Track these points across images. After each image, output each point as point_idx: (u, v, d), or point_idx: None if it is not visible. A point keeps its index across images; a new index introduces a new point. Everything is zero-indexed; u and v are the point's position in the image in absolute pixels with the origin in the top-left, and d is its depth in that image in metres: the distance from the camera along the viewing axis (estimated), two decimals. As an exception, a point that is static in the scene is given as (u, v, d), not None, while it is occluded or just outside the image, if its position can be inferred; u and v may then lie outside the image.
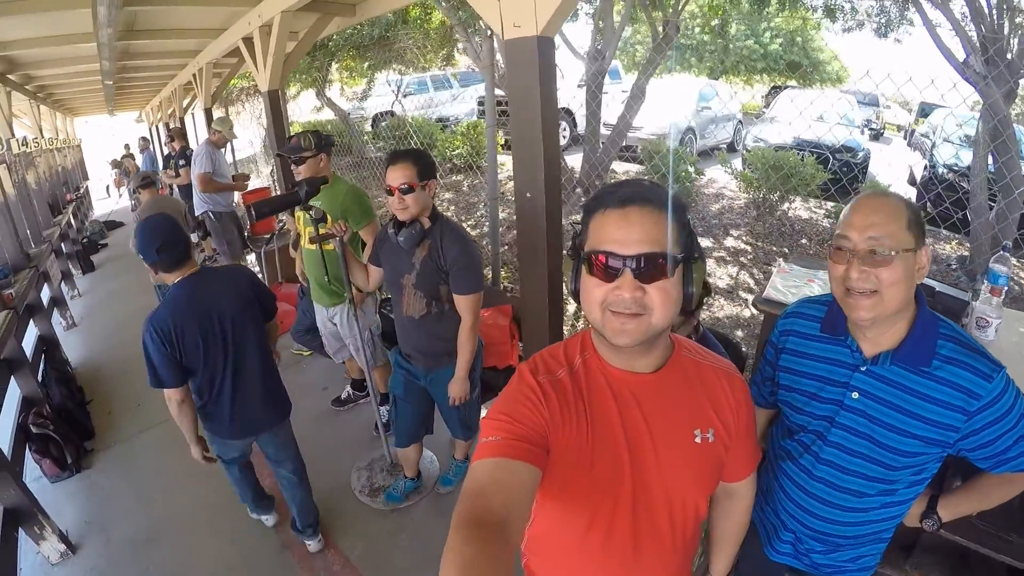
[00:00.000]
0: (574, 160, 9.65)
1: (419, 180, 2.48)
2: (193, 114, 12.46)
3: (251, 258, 7.37)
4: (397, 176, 2.47)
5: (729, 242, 7.56)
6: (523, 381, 1.21)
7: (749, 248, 7.33)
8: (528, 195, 2.51)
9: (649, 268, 1.03)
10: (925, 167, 9.17)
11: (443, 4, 7.91)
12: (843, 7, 9.01)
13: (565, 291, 1.62)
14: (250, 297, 2.65)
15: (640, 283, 1.04)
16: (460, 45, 12.17)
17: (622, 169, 10.56)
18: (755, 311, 5.73)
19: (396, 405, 2.98)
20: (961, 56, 5.93)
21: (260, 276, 6.45)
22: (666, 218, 1.05)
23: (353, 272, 2.84)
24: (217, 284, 2.55)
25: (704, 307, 3.23)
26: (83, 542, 3.28)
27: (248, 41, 4.92)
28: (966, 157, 8.46)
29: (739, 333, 5.58)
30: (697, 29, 14.34)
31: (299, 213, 3.41)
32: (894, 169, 10.32)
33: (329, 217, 2.82)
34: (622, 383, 1.20)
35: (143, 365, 2.41)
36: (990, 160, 6.35)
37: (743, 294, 6.17)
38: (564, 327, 2.82)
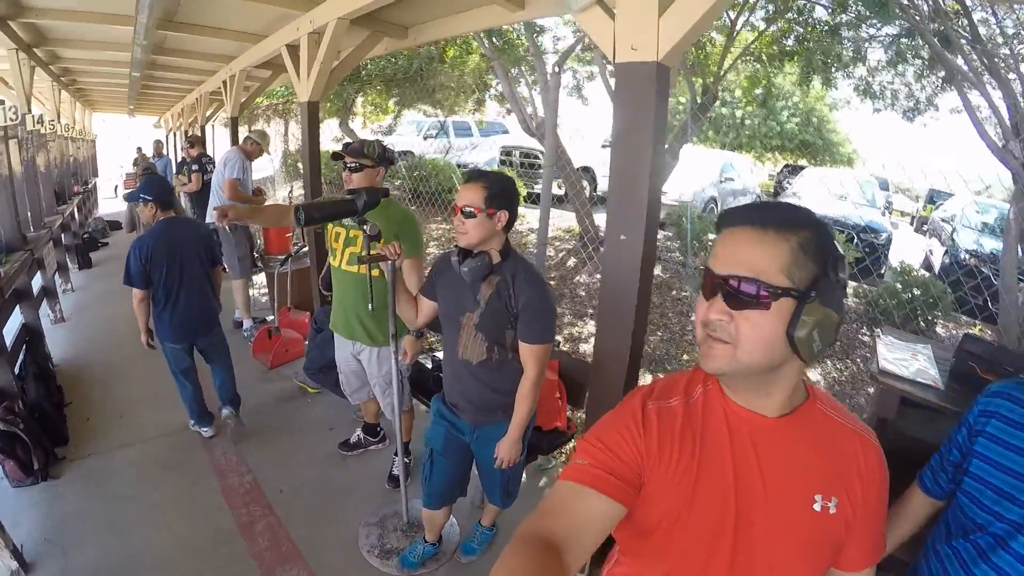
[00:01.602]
0: (599, 219, 9.32)
1: (486, 206, 2.15)
2: (213, 126, 12.15)
3: (259, 278, 6.97)
4: (464, 196, 2.17)
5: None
6: (628, 405, 1.14)
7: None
8: (622, 237, 2.14)
9: (738, 293, 0.95)
10: (946, 252, 9.08)
11: (485, 43, 7.74)
12: (880, 88, 8.88)
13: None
14: (204, 244, 3.75)
15: (728, 307, 0.97)
16: (491, 92, 12.07)
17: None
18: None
19: (432, 461, 2.56)
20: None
21: (269, 298, 6.08)
22: (780, 242, 0.94)
23: (401, 304, 2.46)
24: (185, 229, 3.68)
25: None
26: (38, 562, 2.81)
27: (293, 48, 4.61)
28: (987, 243, 8.59)
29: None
30: (739, 93, 14.21)
31: (339, 228, 3.05)
32: (907, 253, 9.97)
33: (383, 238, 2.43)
34: (740, 421, 1.07)
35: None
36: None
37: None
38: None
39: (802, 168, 16.88)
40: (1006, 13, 6.48)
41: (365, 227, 2.31)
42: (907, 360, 2.47)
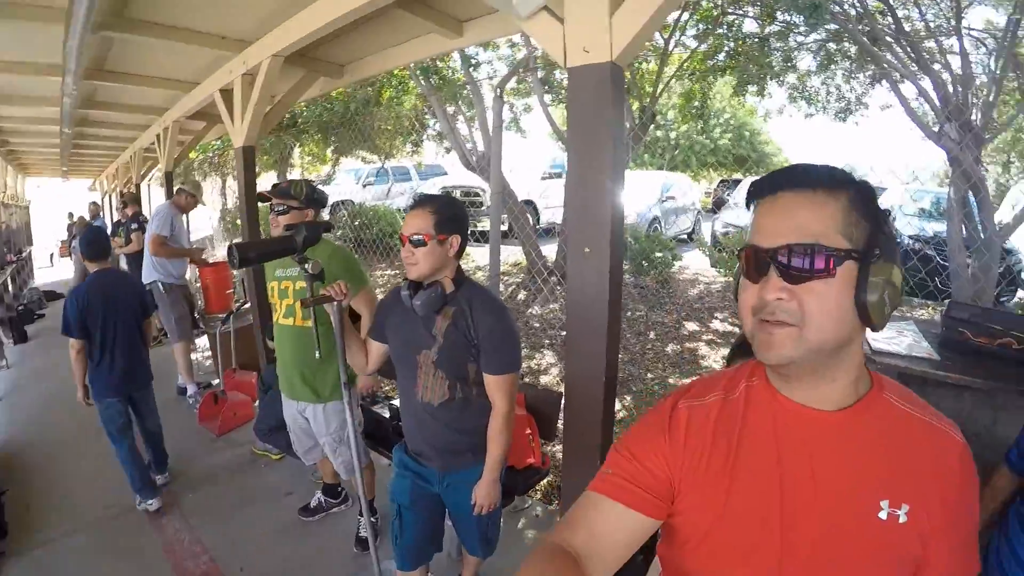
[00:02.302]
0: (546, 249, 9.30)
1: (436, 232, 1.96)
2: (149, 184, 11.67)
3: (202, 341, 6.55)
4: (411, 224, 1.99)
5: (716, 324, 7.15)
6: (660, 406, 1.03)
7: (737, 330, 6.88)
8: (586, 250, 1.93)
9: (798, 264, 0.82)
10: None
11: (422, 81, 7.59)
12: (814, 92, 9.11)
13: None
14: (137, 295, 3.72)
15: (787, 284, 0.83)
16: (429, 132, 11.93)
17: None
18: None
19: (400, 517, 2.28)
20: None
21: (212, 360, 5.67)
22: (831, 201, 0.83)
23: (351, 349, 2.21)
24: (118, 281, 3.67)
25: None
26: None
27: (227, 93, 4.36)
28: (928, 227, 8.69)
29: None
30: (671, 114, 14.43)
31: (273, 282, 2.80)
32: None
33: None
34: (791, 418, 0.92)
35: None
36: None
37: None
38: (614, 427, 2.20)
39: (738, 181, 17.21)
40: (927, 6, 6.69)
41: (306, 265, 2.05)
42: (896, 338, 2.41)
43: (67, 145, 8.03)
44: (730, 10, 7.23)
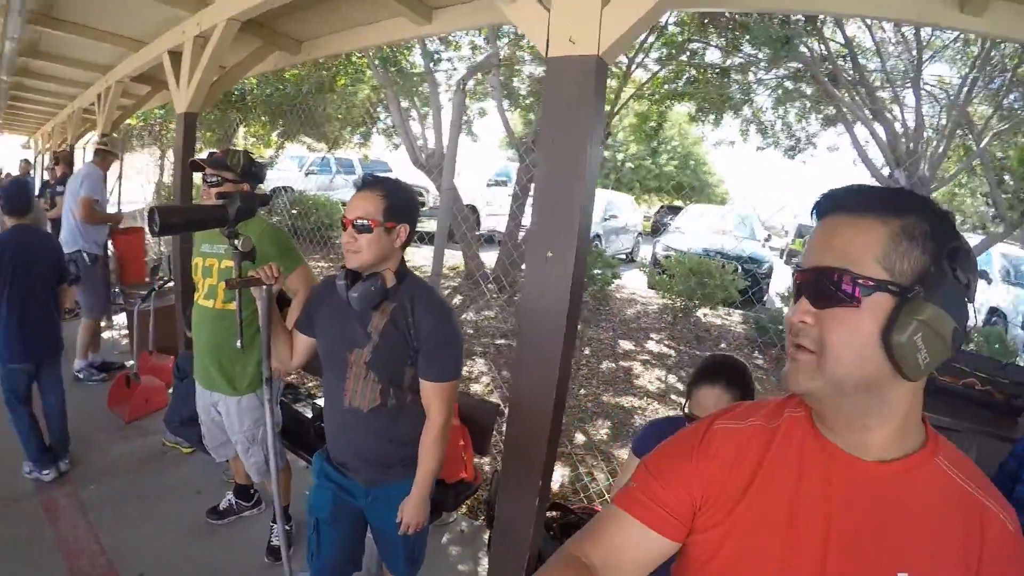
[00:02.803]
0: (485, 256, 9.11)
1: (384, 218, 1.74)
2: (84, 148, 10.93)
3: (120, 318, 6.05)
4: (356, 207, 1.76)
5: (651, 345, 7.08)
6: (698, 423, 0.97)
7: (673, 352, 6.85)
8: (549, 254, 1.75)
9: (823, 288, 0.76)
10: None
11: (380, 70, 7.30)
12: (769, 127, 9.29)
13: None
14: (56, 258, 3.48)
15: (812, 307, 0.78)
16: (379, 126, 11.60)
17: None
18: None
19: (318, 533, 2.03)
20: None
21: (129, 340, 5.21)
22: (877, 226, 0.75)
23: (277, 340, 1.96)
24: (38, 239, 3.40)
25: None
26: None
27: (176, 56, 4.01)
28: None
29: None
30: (621, 135, 14.55)
31: (198, 258, 2.52)
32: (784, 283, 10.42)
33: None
34: (819, 457, 0.84)
35: None
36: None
37: (675, 397, 5.59)
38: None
39: (678, 208, 17.48)
40: (888, 56, 6.87)
41: (236, 241, 1.80)
42: None
43: (3, 96, 7.38)
44: (695, 38, 7.22)
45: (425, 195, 11.18)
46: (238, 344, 1.92)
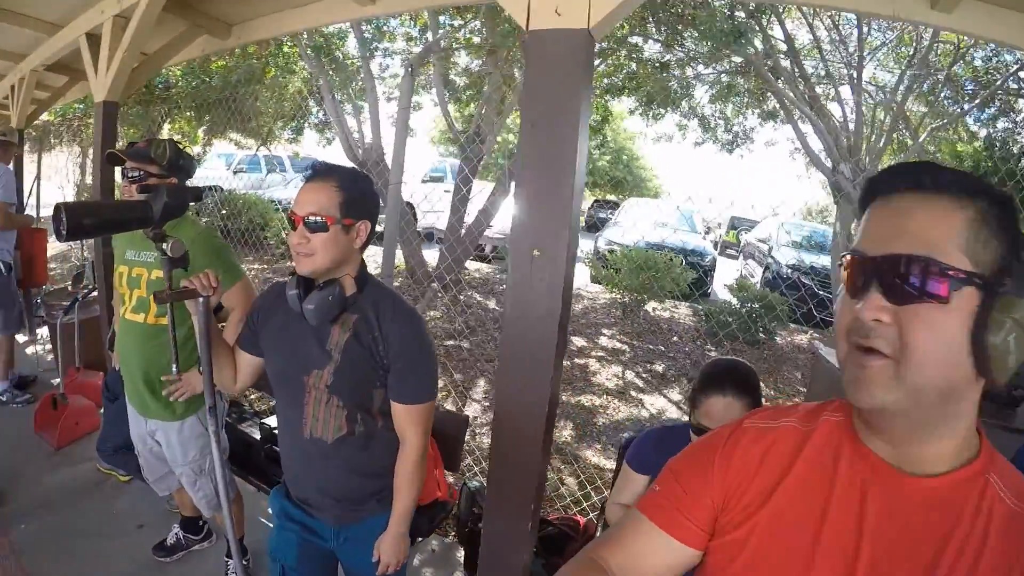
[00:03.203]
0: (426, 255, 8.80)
1: (342, 214, 1.47)
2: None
3: (43, 331, 5.48)
4: (308, 200, 1.47)
5: (604, 341, 6.94)
6: (728, 424, 0.89)
7: (627, 347, 6.73)
8: (536, 252, 1.53)
9: (904, 279, 0.64)
10: (766, 268, 9.70)
11: (311, 57, 6.91)
12: (711, 122, 9.34)
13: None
14: None
15: (889, 303, 0.65)
16: (310, 119, 11.12)
17: (474, 267, 9.82)
18: (646, 412, 5.07)
19: None
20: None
21: (52, 357, 4.72)
22: (955, 211, 0.65)
23: (218, 361, 1.67)
24: None
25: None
26: None
27: (94, 39, 3.62)
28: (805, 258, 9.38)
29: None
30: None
31: (123, 266, 2.19)
32: (721, 274, 10.73)
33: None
34: (858, 464, 0.74)
35: None
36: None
37: (634, 394, 5.45)
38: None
39: (612, 203, 17.51)
40: (829, 53, 6.96)
41: (165, 245, 1.50)
42: None
43: None
44: (636, 32, 7.12)
45: (363, 193, 10.74)
46: (174, 369, 1.62)
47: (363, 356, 1.52)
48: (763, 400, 1.69)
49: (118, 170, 2.44)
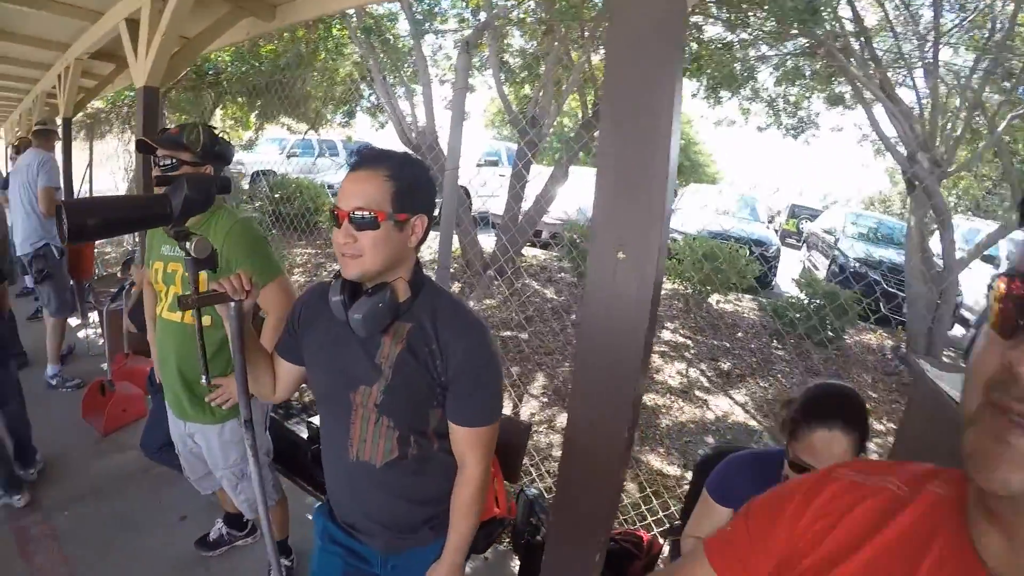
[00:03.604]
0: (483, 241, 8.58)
1: (394, 208, 1.25)
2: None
3: (93, 316, 5.51)
4: (354, 192, 1.26)
5: (667, 335, 6.63)
6: (822, 470, 0.72)
7: (690, 342, 6.43)
8: (620, 255, 1.28)
9: None
10: (832, 261, 9.23)
11: (359, 36, 6.79)
12: (779, 105, 8.90)
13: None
14: None
15: None
16: (363, 103, 11.04)
17: (530, 253, 9.52)
18: (711, 414, 4.82)
19: None
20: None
21: (101, 342, 4.73)
22: None
23: (254, 371, 1.48)
24: None
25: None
26: None
27: (133, 24, 3.54)
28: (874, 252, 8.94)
29: (710, 440, 4.55)
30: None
31: (158, 262, 2.05)
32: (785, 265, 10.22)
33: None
34: (950, 562, 0.55)
35: None
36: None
37: (699, 394, 5.18)
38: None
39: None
40: (902, 35, 6.55)
41: (187, 244, 1.32)
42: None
43: None
44: (695, 11, 6.76)
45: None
46: (204, 381, 1.44)
47: (418, 372, 1.32)
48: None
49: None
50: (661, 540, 2.54)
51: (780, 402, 1.62)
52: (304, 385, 2.43)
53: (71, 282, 4.81)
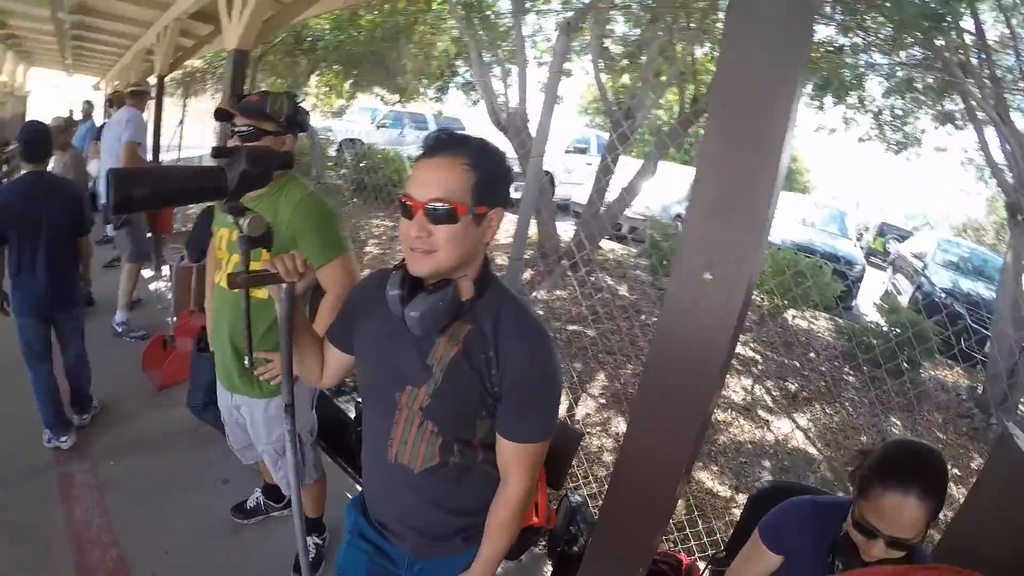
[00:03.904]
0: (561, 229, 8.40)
1: (474, 201, 1.14)
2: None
3: (164, 270, 5.65)
4: (430, 180, 1.14)
5: (736, 347, 6.33)
6: None
7: (759, 357, 6.15)
8: (707, 276, 1.12)
9: None
10: (918, 288, 8.75)
11: (459, 10, 6.72)
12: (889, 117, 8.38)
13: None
14: (72, 209, 3.13)
15: None
16: (457, 80, 11.01)
17: (608, 247, 9.27)
18: (771, 436, 4.59)
19: None
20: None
21: (170, 296, 4.83)
22: None
23: (300, 354, 1.41)
24: (54, 188, 3.10)
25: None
26: None
27: (229, -12, 3.58)
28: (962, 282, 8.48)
29: (766, 464, 4.32)
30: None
31: (223, 228, 2.02)
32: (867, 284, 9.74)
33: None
34: None
35: None
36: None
37: (762, 413, 4.93)
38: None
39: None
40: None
41: (242, 221, 1.24)
42: None
43: (65, 34, 7.23)
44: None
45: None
46: (247, 362, 1.38)
47: (471, 379, 1.22)
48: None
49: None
50: (701, 567, 2.40)
51: (856, 453, 1.45)
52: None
53: (149, 234, 4.94)
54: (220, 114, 1.97)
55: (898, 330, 6.15)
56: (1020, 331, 5.54)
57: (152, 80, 6.39)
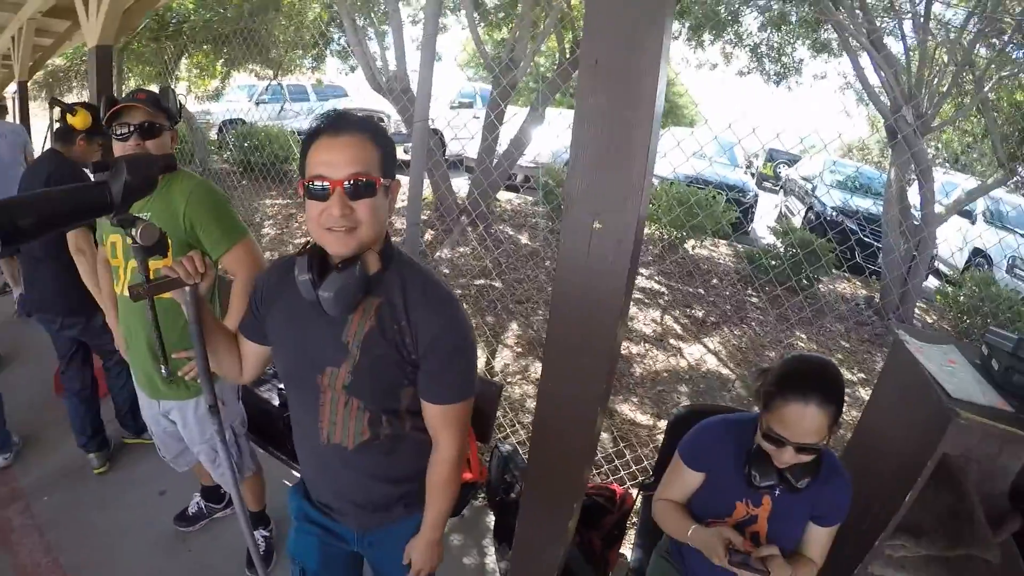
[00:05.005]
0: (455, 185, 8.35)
1: (381, 173, 1.17)
2: (14, 98, 9.82)
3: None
4: (347, 158, 1.13)
5: (641, 282, 6.60)
6: None
7: (664, 289, 6.41)
8: (596, 225, 1.20)
9: None
10: (809, 208, 9.16)
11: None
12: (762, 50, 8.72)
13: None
14: None
15: None
16: (332, 47, 10.66)
17: (504, 198, 9.34)
18: (684, 362, 4.82)
19: None
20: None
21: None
22: None
23: (216, 353, 1.40)
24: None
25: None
26: None
27: (82, -21, 3.31)
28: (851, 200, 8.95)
29: (683, 389, 4.55)
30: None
31: (114, 235, 1.92)
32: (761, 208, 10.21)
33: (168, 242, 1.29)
34: None
35: None
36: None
37: (673, 341, 5.17)
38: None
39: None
40: None
41: (134, 231, 1.19)
42: (952, 374, 1.70)
43: None
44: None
45: (386, 121, 10.37)
46: (163, 371, 1.36)
47: (387, 351, 1.24)
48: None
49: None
50: (633, 496, 2.53)
51: (757, 372, 1.58)
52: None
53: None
54: (108, 111, 1.82)
55: (794, 250, 6.53)
56: (907, 243, 6.00)
57: (13, 88, 5.87)
